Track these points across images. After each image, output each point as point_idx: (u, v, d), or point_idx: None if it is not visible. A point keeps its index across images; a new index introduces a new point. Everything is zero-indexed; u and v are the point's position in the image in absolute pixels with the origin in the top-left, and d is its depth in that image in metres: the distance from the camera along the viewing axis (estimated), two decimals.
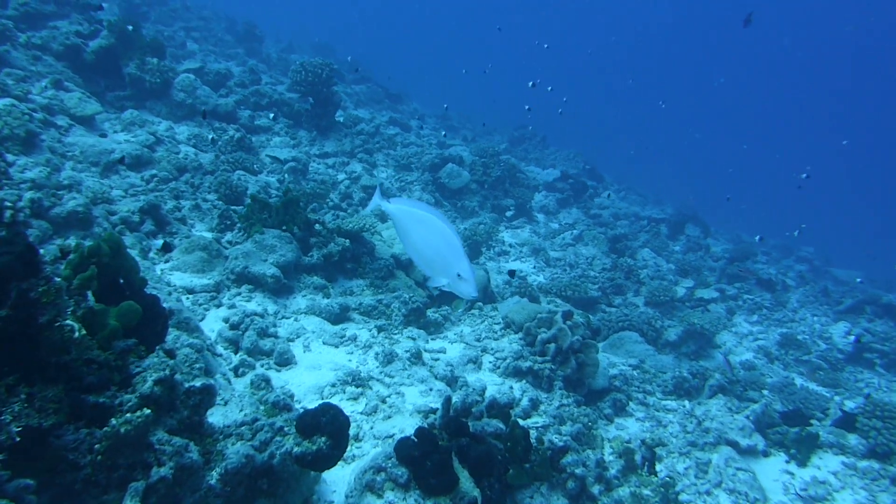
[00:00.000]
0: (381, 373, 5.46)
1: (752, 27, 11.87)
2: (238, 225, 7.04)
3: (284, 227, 6.77)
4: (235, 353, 5.39)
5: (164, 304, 4.77)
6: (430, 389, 5.39)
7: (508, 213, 12.30)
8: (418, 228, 3.81)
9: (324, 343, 5.89)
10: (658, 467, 5.41)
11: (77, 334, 3.06)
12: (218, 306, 5.95)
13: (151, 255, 6.34)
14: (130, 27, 9.96)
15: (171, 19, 17.55)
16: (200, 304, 5.88)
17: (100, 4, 10.23)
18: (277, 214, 6.81)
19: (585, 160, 19.20)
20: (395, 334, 6.35)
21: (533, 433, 4.59)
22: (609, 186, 19.29)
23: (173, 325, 4.69)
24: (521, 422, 4.66)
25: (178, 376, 3.60)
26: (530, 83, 9.83)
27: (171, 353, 4.28)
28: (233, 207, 7.60)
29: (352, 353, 5.80)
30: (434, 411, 4.71)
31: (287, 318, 6.19)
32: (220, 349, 5.36)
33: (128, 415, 2.88)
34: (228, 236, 7.07)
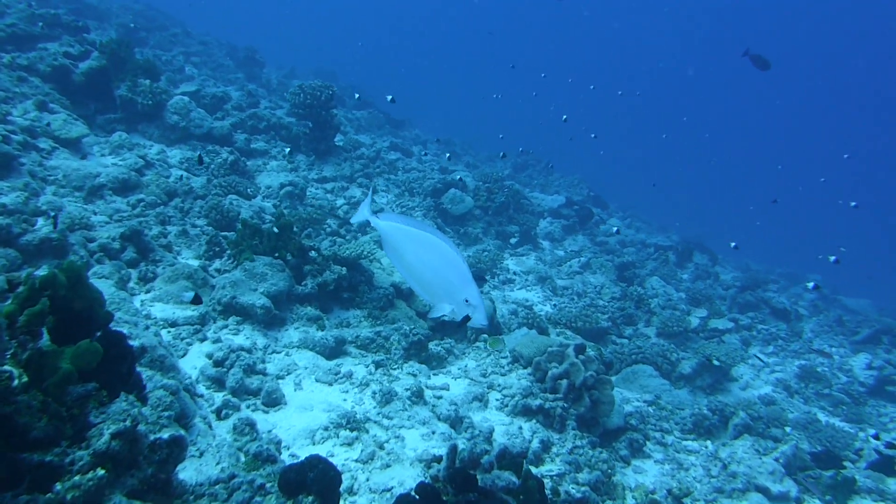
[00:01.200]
0: (378, 414, 4.99)
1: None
2: (227, 252, 6.61)
3: (277, 254, 6.33)
4: (219, 392, 4.93)
5: (136, 341, 4.33)
6: (433, 432, 4.91)
7: (513, 241, 11.87)
8: (414, 248, 3.36)
9: (317, 380, 5.42)
10: None
11: (17, 382, 2.61)
12: (202, 340, 5.49)
13: (131, 284, 5.90)
14: (123, 48, 9.63)
15: (171, 44, 17.29)
16: (183, 339, 5.42)
17: (86, 25, 9.90)
18: (269, 240, 6.37)
19: (590, 187, 18.83)
20: (394, 369, 5.88)
21: (547, 482, 4.11)
22: (614, 213, 18.91)
23: (146, 365, 4.23)
24: (534, 470, 4.17)
25: (141, 427, 3.14)
26: (555, 109, 9.47)
27: (140, 397, 3.83)
28: (223, 233, 7.17)
29: (347, 391, 5.33)
30: (438, 459, 4.23)
31: (278, 352, 5.73)
32: (201, 389, 4.90)
33: (76, 477, 2.42)
34: (216, 264, 6.63)
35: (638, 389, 7.48)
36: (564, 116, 9.87)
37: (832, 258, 7.73)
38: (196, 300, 5.47)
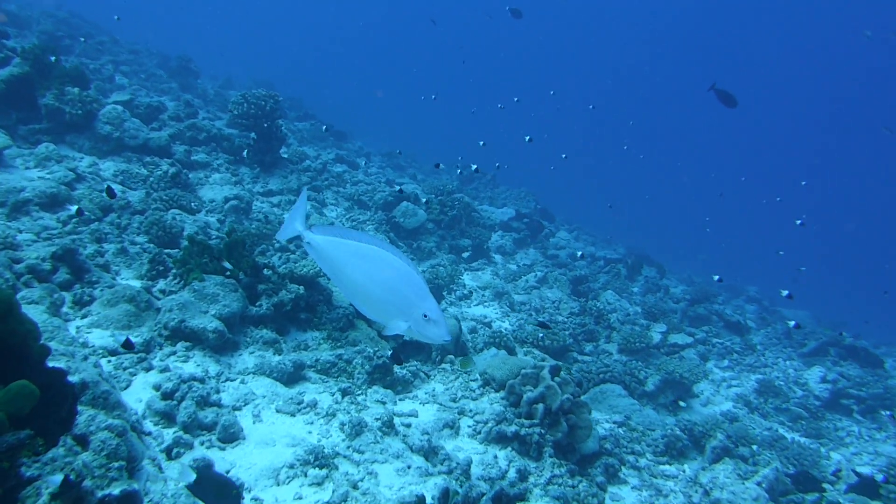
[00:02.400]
0: (348, 448, 4.54)
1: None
2: (173, 271, 6.06)
3: (228, 273, 5.83)
4: (169, 428, 4.41)
5: (75, 376, 3.79)
6: (408, 467, 4.50)
7: (465, 255, 11.53)
8: (358, 263, 2.93)
9: (277, 411, 4.94)
10: None
11: None
12: (147, 370, 4.95)
13: (65, 309, 5.31)
14: (48, 55, 8.95)
15: (98, 53, 16.43)
16: (125, 369, 4.87)
17: (5, 31, 9.18)
18: (219, 258, 5.86)
19: (537, 199, 18.69)
20: (359, 395, 5.44)
21: None
22: (560, 226, 18.80)
23: (87, 403, 3.71)
24: None
25: (88, 482, 2.66)
26: (527, 138, 9.19)
27: (82, 441, 3.33)
28: (167, 251, 6.61)
29: (312, 422, 4.86)
30: (421, 501, 3.81)
31: (232, 380, 5.22)
32: (149, 425, 4.37)
33: None
34: (161, 284, 6.07)
35: (607, 410, 7.21)
36: (528, 137, 9.57)
37: (785, 293, 7.63)
38: (127, 345, 4.91)
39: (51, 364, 3.51)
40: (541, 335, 7.99)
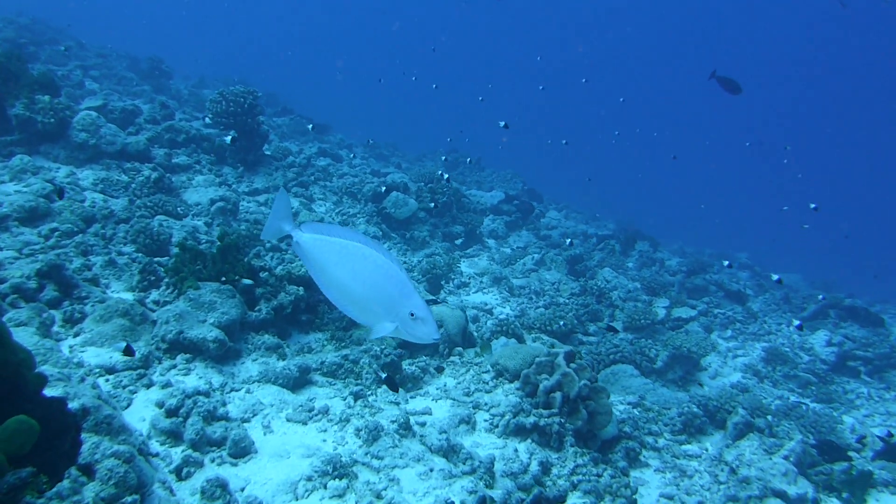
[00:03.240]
0: (366, 454, 4.33)
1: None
2: (165, 280, 5.80)
3: (224, 279, 5.58)
4: (177, 447, 4.19)
5: (75, 402, 3.56)
6: (430, 470, 4.30)
7: (458, 241, 11.33)
8: (342, 261, 2.81)
9: (288, 420, 4.72)
10: None
11: None
12: (148, 386, 4.71)
13: (55, 328, 5.05)
14: (14, 62, 8.60)
15: (65, 59, 15.96)
16: (125, 387, 4.64)
17: None
18: (214, 264, 5.62)
19: (524, 180, 18.50)
20: (371, 397, 5.23)
21: None
22: (549, 206, 18.63)
23: (89, 429, 3.47)
24: None
25: None
26: (502, 123, 8.94)
27: (87, 470, 3.12)
28: (157, 259, 6.35)
29: (325, 430, 4.65)
30: None
31: (237, 389, 5.00)
32: (155, 445, 4.15)
33: None
34: (154, 295, 5.81)
35: (620, 391, 7.05)
36: (503, 123, 9.26)
37: (775, 277, 7.54)
38: (128, 351, 4.70)
39: (48, 392, 3.28)
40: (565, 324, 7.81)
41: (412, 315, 2.73)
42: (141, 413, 4.45)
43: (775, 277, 7.52)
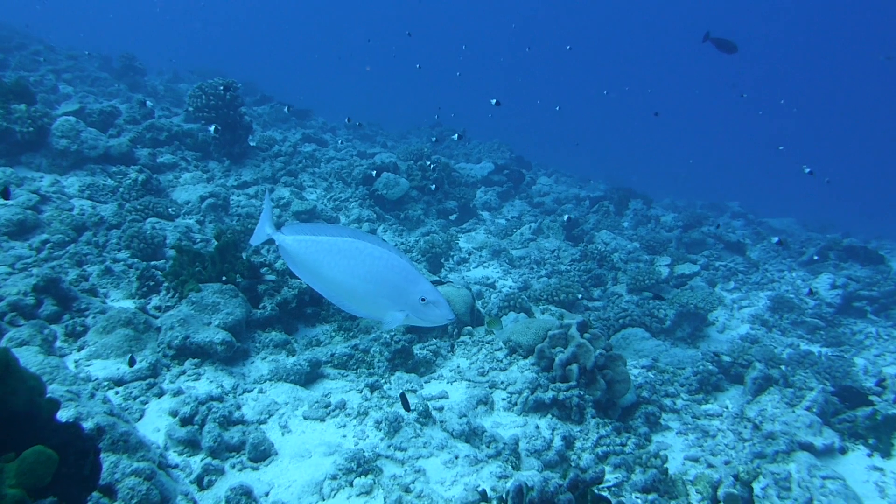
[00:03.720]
0: (389, 447, 4.25)
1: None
2: (165, 285, 5.68)
3: (225, 278, 5.47)
4: (195, 455, 4.10)
5: (88, 422, 3.46)
6: (456, 457, 4.22)
7: (452, 217, 11.21)
8: (336, 260, 2.70)
9: (305, 417, 4.64)
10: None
11: None
12: (159, 395, 4.62)
13: (58, 344, 4.94)
14: None
15: (35, 64, 15.63)
16: (135, 398, 4.54)
17: None
18: (213, 264, 5.49)
19: (511, 149, 18.33)
20: (386, 387, 5.15)
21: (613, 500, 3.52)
22: (539, 172, 18.50)
23: (107, 448, 3.38)
24: (598, 491, 3.53)
25: None
26: (494, 101, 8.78)
27: (109, 491, 3.03)
28: (153, 264, 6.22)
29: (344, 425, 4.57)
30: (484, 496, 3.54)
31: (249, 391, 4.91)
32: (173, 456, 4.06)
33: None
34: (155, 301, 5.70)
35: (633, 355, 6.99)
36: (494, 101, 9.06)
37: (775, 239, 7.44)
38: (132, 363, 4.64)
39: (62, 416, 3.18)
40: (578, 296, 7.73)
41: (423, 300, 2.64)
42: (155, 423, 4.36)
43: (775, 240, 7.43)
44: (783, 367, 7.13)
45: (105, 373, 4.68)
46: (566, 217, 10.81)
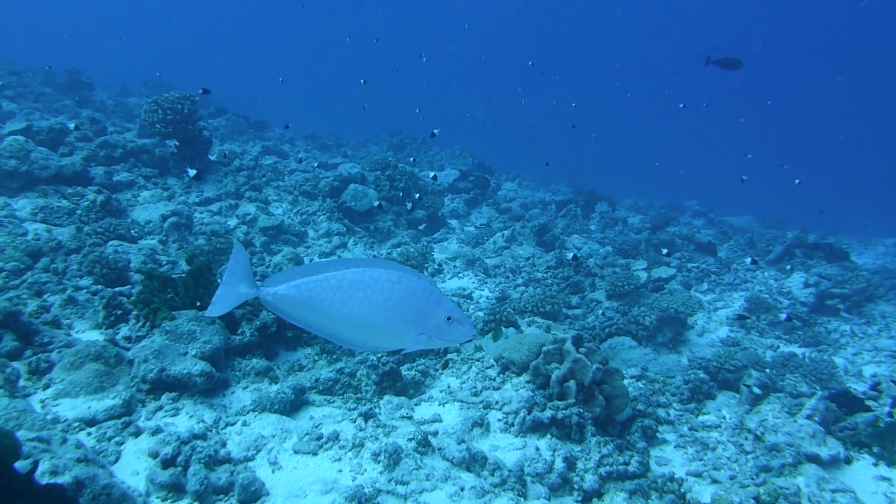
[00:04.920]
0: (390, 481, 3.99)
1: None
2: (134, 313, 5.32)
3: (199, 304, 5.14)
4: (179, 501, 3.78)
5: (66, 476, 3.13)
6: (461, 489, 3.98)
7: (421, 227, 10.96)
8: (348, 295, 2.47)
9: (295, 451, 4.35)
10: None
11: None
12: (136, 434, 4.27)
13: (22, 383, 4.56)
14: None
15: None
16: (110, 439, 4.19)
17: None
18: (187, 290, 5.16)
19: (473, 155, 18.17)
20: (378, 412, 4.89)
21: None
22: (502, 177, 18.38)
23: None
24: None
25: None
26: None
27: None
28: (119, 290, 5.85)
29: (339, 458, 4.28)
30: None
31: (232, 424, 4.60)
32: (156, 503, 3.73)
33: None
34: (124, 331, 5.33)
35: (621, 364, 6.83)
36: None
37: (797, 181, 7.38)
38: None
39: (40, 476, 2.87)
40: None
41: (448, 319, 2.51)
42: (133, 466, 4.02)
43: (748, 261, 7.38)
44: (767, 371, 7.08)
45: (75, 413, 4.32)
46: (540, 222, 10.65)
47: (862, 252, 15.77)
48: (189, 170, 8.36)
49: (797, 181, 9.24)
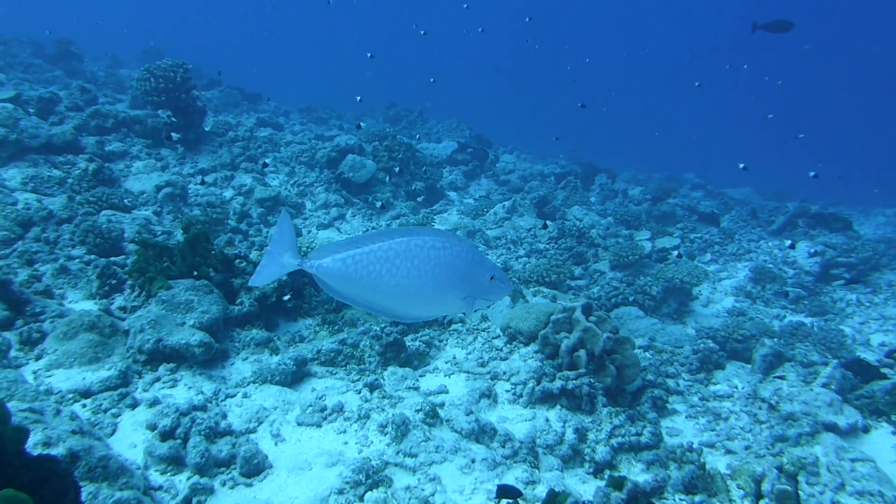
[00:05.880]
0: (398, 454, 3.84)
1: None
2: (129, 283, 5.14)
3: (197, 273, 4.97)
4: (180, 474, 3.64)
5: (60, 447, 2.98)
6: (472, 461, 3.84)
7: (420, 199, 10.76)
8: (397, 266, 2.44)
9: (299, 423, 4.20)
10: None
11: None
12: (133, 406, 4.12)
13: (13, 353, 4.40)
14: None
15: None
16: (106, 411, 4.04)
17: None
18: (183, 258, 4.98)
19: (470, 127, 17.91)
20: (381, 381, 4.74)
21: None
22: (500, 150, 18.14)
23: (84, 477, 2.90)
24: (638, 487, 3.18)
25: None
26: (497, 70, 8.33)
27: None
28: (113, 260, 5.66)
29: (344, 430, 4.14)
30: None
31: (232, 395, 4.45)
32: (154, 476, 3.59)
33: None
34: (119, 301, 5.16)
35: (627, 335, 6.68)
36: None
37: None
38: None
39: (29, 442, 2.70)
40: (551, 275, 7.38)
41: (492, 278, 2.54)
42: (130, 439, 3.88)
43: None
44: (776, 340, 6.96)
45: (69, 384, 4.16)
46: (540, 194, 10.47)
47: (863, 222, 15.65)
48: (173, 134, 8.19)
49: (812, 173, 9.03)
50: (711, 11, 63.00)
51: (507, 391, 4.92)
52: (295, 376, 4.77)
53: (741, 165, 10.29)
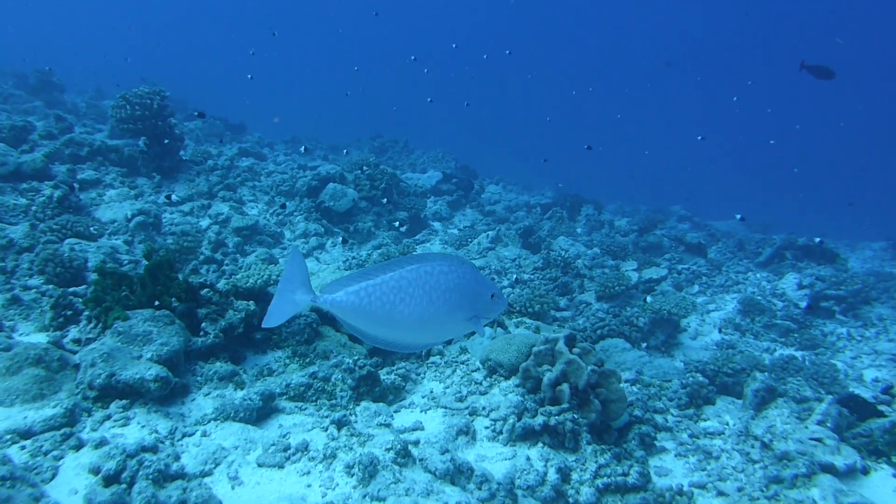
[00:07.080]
0: (364, 497, 3.53)
1: None
2: (85, 314, 4.84)
3: (158, 303, 4.68)
4: None
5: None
6: None
7: (403, 228, 10.52)
8: (410, 295, 2.45)
9: (259, 465, 3.89)
10: None
11: None
12: (77, 448, 3.80)
13: None
14: None
15: None
16: (47, 453, 3.72)
17: None
18: (143, 287, 4.69)
19: (456, 158, 17.78)
20: (354, 421, 4.45)
21: None
22: (486, 181, 18.00)
23: None
24: None
25: None
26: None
27: None
28: (71, 290, 5.37)
29: (308, 472, 3.82)
30: None
31: (190, 434, 4.14)
32: None
33: None
34: (73, 333, 4.85)
35: (614, 368, 6.42)
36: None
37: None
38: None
39: None
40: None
41: (493, 296, 2.63)
42: (72, 484, 3.55)
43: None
44: (767, 374, 6.70)
45: (7, 424, 3.84)
46: (526, 224, 10.25)
47: (849, 256, 15.49)
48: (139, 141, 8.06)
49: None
50: (701, 44, 63.82)
51: (487, 427, 4.63)
52: (261, 412, 4.46)
53: (738, 216, 10.19)
